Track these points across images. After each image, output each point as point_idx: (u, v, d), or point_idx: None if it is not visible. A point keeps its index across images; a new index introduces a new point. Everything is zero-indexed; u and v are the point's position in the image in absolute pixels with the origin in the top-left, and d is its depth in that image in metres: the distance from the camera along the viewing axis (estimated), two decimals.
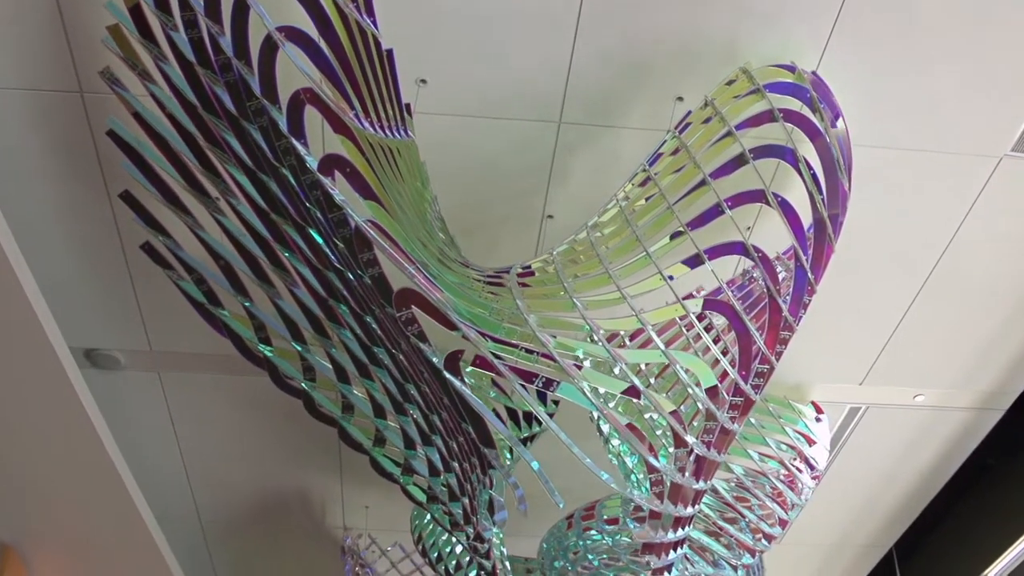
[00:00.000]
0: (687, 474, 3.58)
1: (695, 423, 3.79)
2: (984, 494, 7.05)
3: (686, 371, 3.54)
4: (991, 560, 7.04)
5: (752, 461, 4.80)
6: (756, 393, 3.61)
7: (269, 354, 4.10)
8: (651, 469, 3.43)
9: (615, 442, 4.42)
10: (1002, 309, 5.21)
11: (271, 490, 6.54)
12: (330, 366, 4.04)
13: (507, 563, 4.41)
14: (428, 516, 5.51)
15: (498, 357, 2.99)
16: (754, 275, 4.32)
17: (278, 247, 3.58)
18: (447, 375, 3.07)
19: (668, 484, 3.57)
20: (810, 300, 3.68)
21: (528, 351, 3.16)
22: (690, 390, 3.42)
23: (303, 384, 4.10)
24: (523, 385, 3.03)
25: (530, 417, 4.71)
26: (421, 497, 4.11)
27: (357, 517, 6.68)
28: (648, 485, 4.12)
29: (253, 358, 4.17)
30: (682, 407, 3.79)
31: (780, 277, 3.97)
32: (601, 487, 5.41)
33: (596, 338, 3.17)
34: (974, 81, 4.08)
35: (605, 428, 4.50)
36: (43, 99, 4.04)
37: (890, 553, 7.48)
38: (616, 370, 3.19)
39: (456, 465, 3.73)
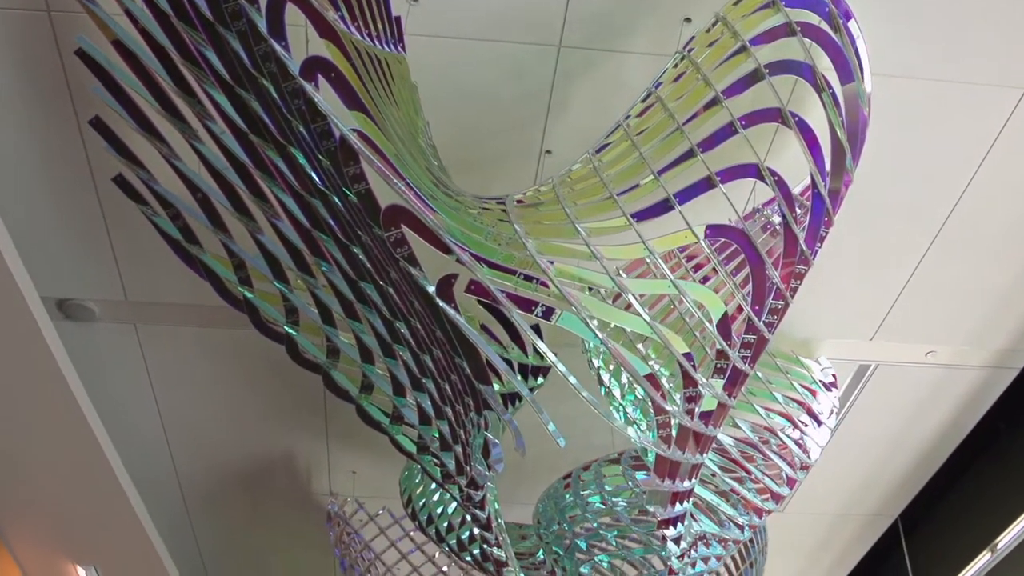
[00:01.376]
0: (695, 418, 3.39)
1: (703, 368, 3.57)
2: (994, 462, 6.87)
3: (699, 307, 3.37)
4: (999, 531, 6.85)
5: (759, 416, 4.60)
6: (769, 332, 3.42)
7: (249, 296, 3.88)
8: (658, 411, 3.23)
9: (616, 392, 4.21)
10: (1019, 261, 5.04)
11: (254, 454, 6.34)
12: (314, 307, 3.82)
13: (502, 520, 4.20)
14: (418, 477, 5.32)
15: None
16: (765, 213, 4.13)
17: (259, 175, 3.37)
18: (439, 303, 2.87)
19: (676, 429, 3.37)
20: (827, 233, 3.49)
21: (527, 278, 2.96)
22: (705, 324, 3.23)
23: (286, 328, 3.90)
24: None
25: (526, 372, 4.52)
26: (411, 448, 3.91)
27: (344, 483, 6.50)
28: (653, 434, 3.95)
29: (232, 300, 3.96)
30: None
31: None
32: (597, 451, 5.26)
33: (601, 265, 2.97)
34: (999, 4, 3.88)
35: (605, 377, 4.29)
36: (7, 19, 3.81)
37: (896, 523, 7.31)
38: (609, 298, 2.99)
39: (448, 410, 3.53)
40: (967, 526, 7.07)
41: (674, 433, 3.34)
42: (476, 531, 4.72)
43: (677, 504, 3.71)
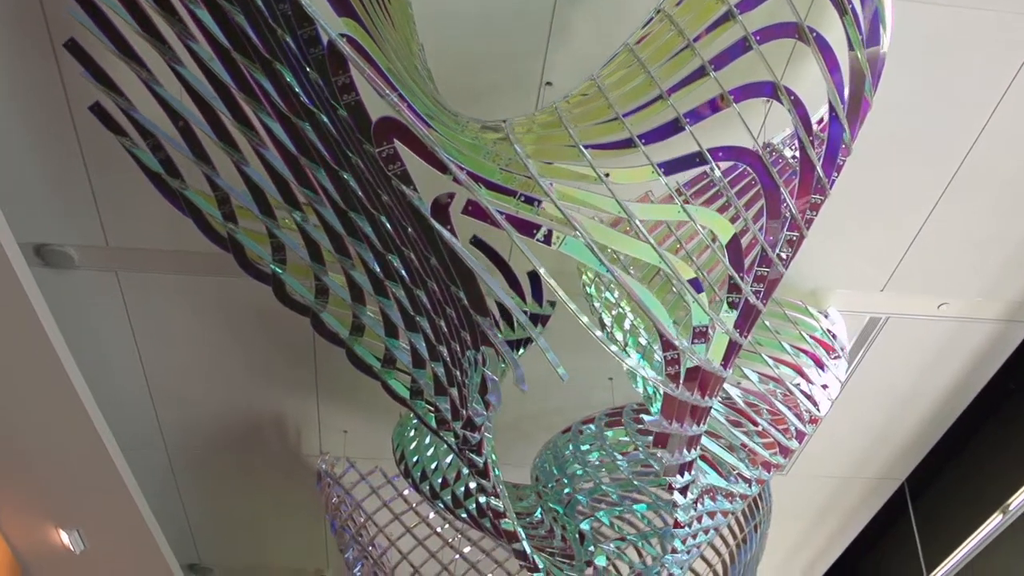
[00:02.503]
0: (707, 353, 3.23)
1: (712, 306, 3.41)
2: (1004, 425, 6.75)
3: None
4: (1007, 496, 6.73)
5: (767, 367, 4.44)
6: (784, 266, 3.27)
7: (234, 232, 3.72)
8: (667, 346, 3.07)
9: (619, 335, 4.05)
10: None
11: (242, 412, 6.20)
12: (302, 243, 3.66)
13: (499, 472, 4.04)
14: (411, 431, 5.18)
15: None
16: (776, 147, 3.97)
17: (243, 98, 3.20)
18: (434, 224, 2.72)
19: (684, 367, 3.22)
20: (844, 162, 3.33)
21: (528, 200, 2.80)
22: (716, 253, 3.07)
23: (272, 266, 3.73)
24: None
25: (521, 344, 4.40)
26: (404, 392, 3.75)
27: (335, 443, 6.35)
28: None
29: (216, 238, 3.80)
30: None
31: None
32: (596, 410, 5.11)
33: (606, 188, 2.81)
34: None
35: (608, 320, 4.13)
36: None
37: (902, 488, 7.18)
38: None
39: (444, 350, 3.37)
40: (975, 490, 6.96)
41: (682, 373, 3.18)
42: (472, 485, 4.58)
43: (686, 451, 3.56)
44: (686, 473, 3.70)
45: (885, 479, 7.00)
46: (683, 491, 3.80)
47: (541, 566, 4.19)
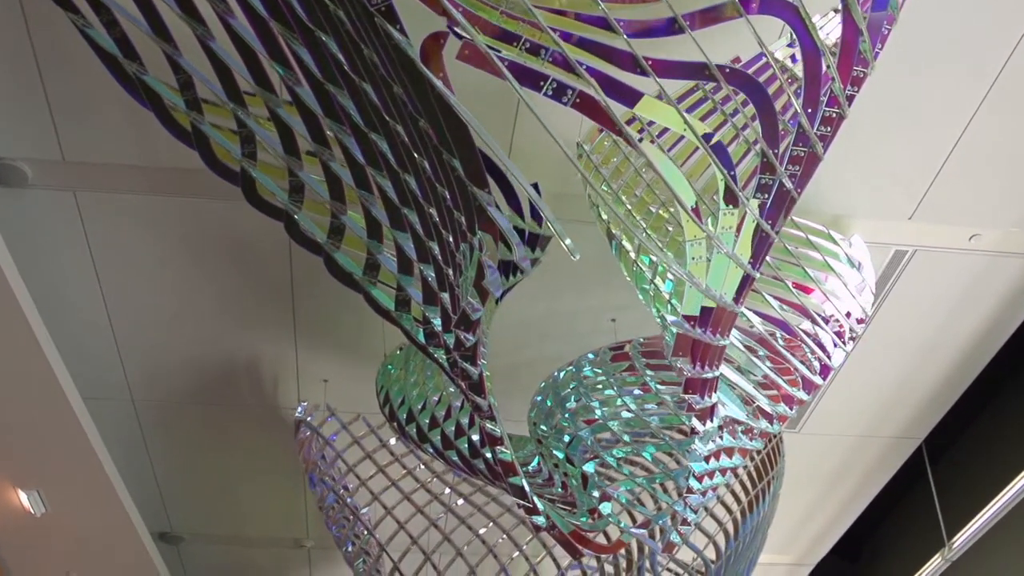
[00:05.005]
0: (735, 247, 2.90)
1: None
2: None
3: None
4: None
5: (790, 294, 4.10)
6: (823, 147, 2.94)
7: (198, 124, 3.35)
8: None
9: (629, 249, 3.70)
10: None
11: (214, 358, 5.84)
12: (274, 133, 3.30)
13: (494, 400, 3.68)
14: (395, 370, 4.83)
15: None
16: None
17: None
18: (424, 71, 2.36)
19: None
20: (889, 31, 2.99)
21: (532, 50, 2.46)
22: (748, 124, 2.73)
23: (240, 161, 3.37)
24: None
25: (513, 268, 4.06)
26: (388, 303, 3.40)
27: (315, 393, 5.98)
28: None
29: (178, 131, 3.43)
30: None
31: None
32: None
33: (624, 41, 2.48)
34: None
35: (618, 232, 3.78)
36: None
37: (920, 450, 6.85)
38: None
39: (434, 246, 3.02)
40: (998, 451, 6.64)
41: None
42: (464, 421, 4.23)
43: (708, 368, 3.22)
44: (707, 394, 3.36)
45: (903, 438, 6.67)
46: (704, 416, 3.45)
47: (541, 508, 3.84)
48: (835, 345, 4.14)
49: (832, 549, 8.00)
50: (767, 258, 3.67)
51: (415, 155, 2.81)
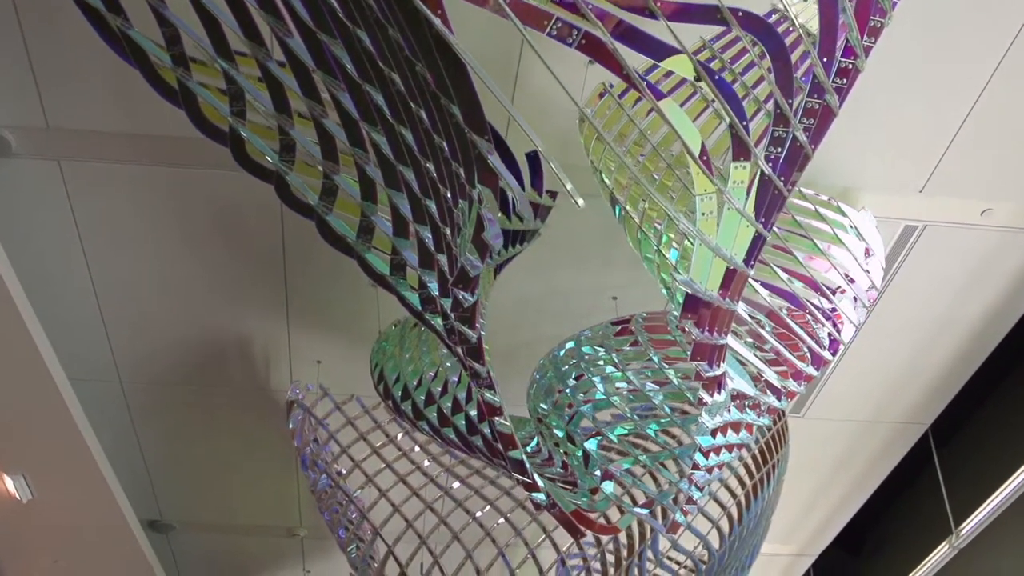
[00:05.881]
0: (746, 204, 2.79)
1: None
2: None
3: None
4: None
5: (800, 267, 3.98)
6: (839, 100, 2.82)
7: (185, 81, 3.23)
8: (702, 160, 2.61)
9: (634, 215, 3.57)
10: None
11: (203, 337, 5.74)
12: (265, 92, 3.18)
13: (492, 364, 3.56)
14: (390, 347, 4.70)
15: None
16: None
17: None
18: (420, 8, 2.24)
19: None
20: None
21: None
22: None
23: (229, 120, 3.24)
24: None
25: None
26: (383, 268, 3.27)
27: (308, 374, 5.85)
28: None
29: (165, 89, 3.30)
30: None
31: None
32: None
33: None
34: None
35: (621, 197, 3.66)
36: None
37: (926, 435, 6.73)
38: None
39: (432, 204, 2.90)
40: (1007, 436, 6.50)
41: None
42: (460, 395, 4.11)
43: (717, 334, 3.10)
44: (716, 363, 3.24)
45: (909, 423, 6.56)
46: (712, 387, 3.33)
47: (542, 484, 3.72)
48: (839, 326, 4.02)
49: (835, 540, 7.89)
50: (775, 228, 3.57)
51: (411, 105, 2.70)
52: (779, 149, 2.77)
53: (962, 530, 6.63)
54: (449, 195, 2.82)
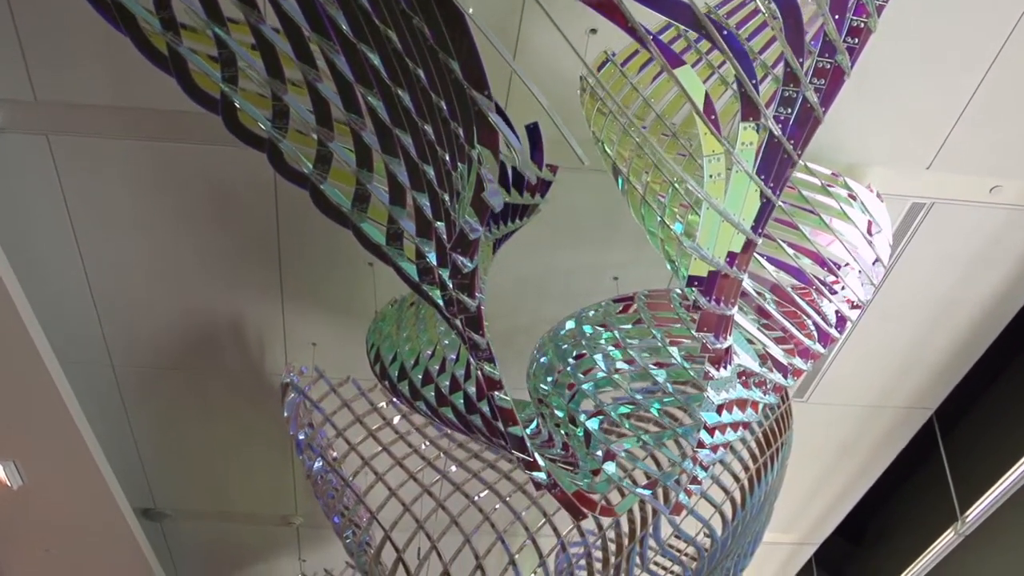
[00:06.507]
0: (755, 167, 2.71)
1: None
2: None
3: None
4: None
5: (807, 242, 3.89)
6: (851, 60, 2.75)
7: (175, 46, 3.14)
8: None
9: (638, 186, 3.49)
10: None
11: (196, 318, 5.65)
12: (257, 59, 3.10)
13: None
14: (387, 327, 4.61)
15: None
16: None
17: None
18: None
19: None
20: None
21: None
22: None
23: (221, 86, 3.15)
24: None
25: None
26: (379, 238, 3.18)
27: (303, 358, 5.75)
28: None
29: (154, 55, 3.21)
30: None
31: None
32: None
33: None
34: None
35: (624, 168, 3.58)
36: None
37: (931, 421, 6.65)
38: None
39: (430, 169, 2.82)
40: (1013, 420, 6.44)
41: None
42: (459, 373, 4.02)
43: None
44: (722, 335, 3.15)
45: (914, 408, 6.46)
46: (718, 360, 3.25)
47: (543, 464, 3.64)
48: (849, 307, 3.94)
49: (837, 529, 7.81)
50: (780, 202, 3.48)
51: (409, 64, 2.62)
52: (789, 110, 2.69)
53: (968, 517, 6.57)
54: (448, 158, 2.74)
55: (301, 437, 5.19)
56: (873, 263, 4.10)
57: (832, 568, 8.59)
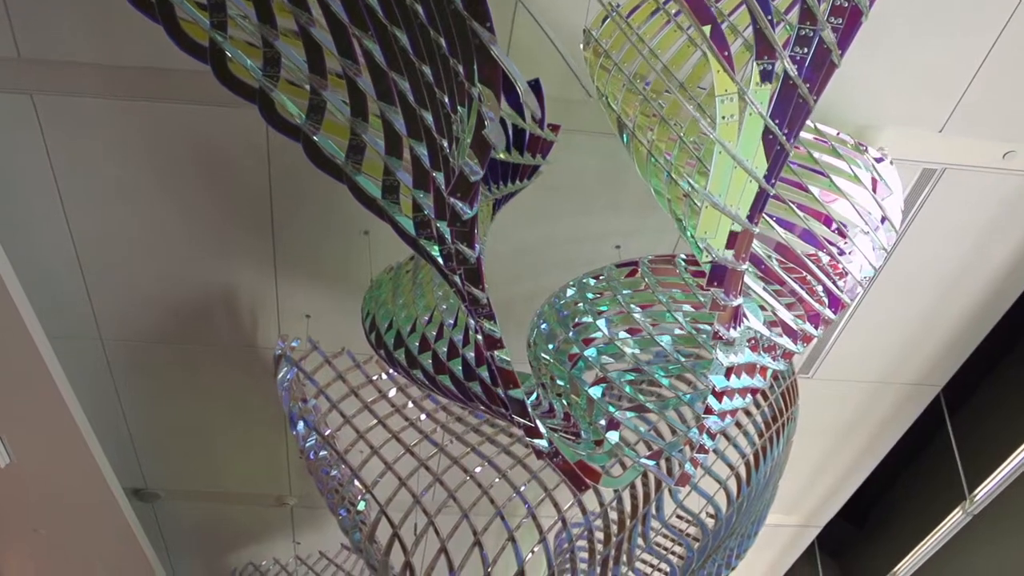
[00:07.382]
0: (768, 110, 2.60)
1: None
2: None
3: None
4: None
5: (817, 204, 3.79)
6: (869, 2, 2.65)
7: None
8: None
9: (643, 142, 3.37)
10: None
11: (187, 287, 5.53)
12: (248, 4, 3.00)
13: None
14: (382, 294, 4.51)
15: None
16: None
17: None
18: None
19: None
20: None
21: None
22: None
23: (209, 33, 3.04)
24: None
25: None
26: (374, 191, 3.07)
27: (296, 329, 5.65)
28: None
29: (144, 5, 3.10)
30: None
31: None
32: None
33: None
34: None
35: (629, 122, 3.46)
36: None
37: (939, 398, 6.54)
38: None
39: (428, 115, 2.71)
40: (1019, 406, 6.33)
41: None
42: (457, 338, 3.91)
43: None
44: (733, 292, 3.04)
45: (921, 385, 6.35)
46: (727, 319, 3.14)
47: (544, 431, 3.53)
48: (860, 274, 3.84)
49: (842, 510, 7.71)
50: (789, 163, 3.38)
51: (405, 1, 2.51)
52: (805, 49, 2.58)
53: (976, 496, 6.47)
54: (447, 100, 2.63)
55: (294, 411, 5.07)
56: (881, 221, 4.00)
57: (835, 551, 8.50)
